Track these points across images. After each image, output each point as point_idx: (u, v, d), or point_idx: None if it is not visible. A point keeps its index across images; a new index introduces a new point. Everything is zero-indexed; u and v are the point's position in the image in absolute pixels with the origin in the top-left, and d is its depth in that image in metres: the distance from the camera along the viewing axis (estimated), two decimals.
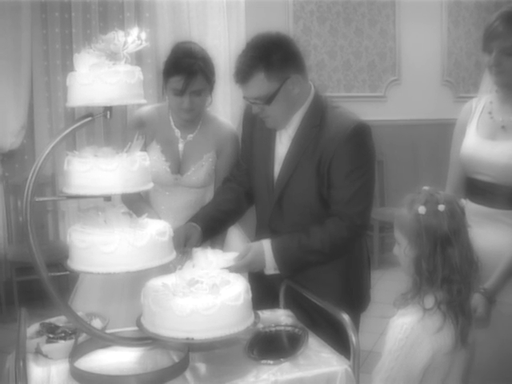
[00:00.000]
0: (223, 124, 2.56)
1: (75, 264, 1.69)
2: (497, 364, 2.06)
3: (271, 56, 2.01)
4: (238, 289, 1.70)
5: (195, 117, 2.45)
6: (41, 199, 1.79)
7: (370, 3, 5.74)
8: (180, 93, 2.33)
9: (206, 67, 2.36)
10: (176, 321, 1.61)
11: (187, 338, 1.62)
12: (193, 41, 2.65)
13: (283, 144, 2.17)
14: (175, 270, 1.81)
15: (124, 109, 4.58)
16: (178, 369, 1.71)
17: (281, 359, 1.78)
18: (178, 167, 2.50)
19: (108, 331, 1.87)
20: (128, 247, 1.63)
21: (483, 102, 2.21)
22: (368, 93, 5.86)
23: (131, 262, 1.64)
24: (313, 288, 2.07)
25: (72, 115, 4.52)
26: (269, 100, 2.04)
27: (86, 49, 1.72)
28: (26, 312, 1.88)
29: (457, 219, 1.66)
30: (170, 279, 1.75)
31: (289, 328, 1.99)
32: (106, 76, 1.64)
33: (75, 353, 1.77)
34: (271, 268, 2.09)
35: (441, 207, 1.64)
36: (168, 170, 2.48)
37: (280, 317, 2.10)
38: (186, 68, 2.30)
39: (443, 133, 3.05)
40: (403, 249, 1.70)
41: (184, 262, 1.85)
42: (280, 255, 2.07)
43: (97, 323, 1.87)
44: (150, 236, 1.67)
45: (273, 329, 1.98)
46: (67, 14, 4.65)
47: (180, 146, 2.51)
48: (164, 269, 1.76)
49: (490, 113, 2.16)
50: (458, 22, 6.15)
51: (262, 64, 2.01)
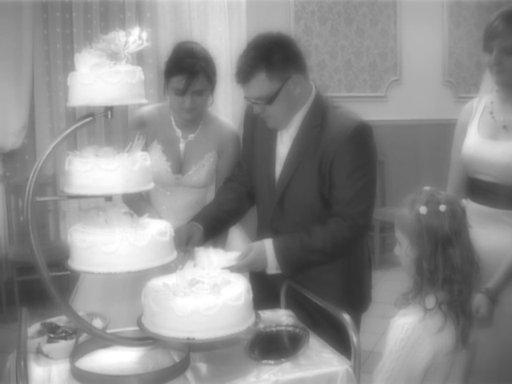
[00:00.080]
0: (224, 124, 2.56)
1: (76, 264, 1.69)
2: (498, 364, 2.06)
3: (272, 56, 2.01)
4: (239, 289, 1.70)
5: (196, 117, 2.45)
6: (42, 199, 1.78)
7: (371, 3, 5.74)
8: (181, 93, 2.33)
9: (208, 67, 2.36)
10: (177, 321, 1.61)
11: (188, 338, 1.62)
12: (194, 41, 2.65)
13: (284, 144, 2.17)
14: (176, 270, 1.81)
15: (125, 109, 4.57)
16: (179, 369, 1.71)
17: (282, 359, 1.77)
18: (179, 167, 2.50)
19: (109, 331, 1.87)
20: (129, 247, 1.63)
21: (484, 102, 2.21)
22: (369, 93, 5.85)
23: (132, 262, 1.64)
24: (314, 288, 2.06)
25: (73, 115, 4.52)
26: (270, 100, 2.04)
27: (87, 49, 1.72)
28: (27, 312, 1.88)
29: (458, 219, 1.66)
30: (171, 279, 1.74)
31: (290, 328, 1.98)
32: (107, 76, 1.64)
33: (76, 353, 1.77)
34: (273, 267, 2.09)
35: (442, 207, 1.64)
36: (169, 170, 2.47)
37: (281, 317, 2.10)
38: (188, 68, 2.30)
39: (444, 133, 3.05)
40: (404, 249, 1.70)
41: (186, 262, 1.85)
42: (282, 255, 2.07)
43: (97, 323, 1.87)
44: (151, 236, 1.66)
45: (274, 329, 1.98)
46: (68, 14, 4.65)
47: (181, 146, 2.50)
48: (165, 269, 1.76)
49: (491, 112, 2.16)
50: (459, 23, 6.15)
51: (264, 64, 2.00)
